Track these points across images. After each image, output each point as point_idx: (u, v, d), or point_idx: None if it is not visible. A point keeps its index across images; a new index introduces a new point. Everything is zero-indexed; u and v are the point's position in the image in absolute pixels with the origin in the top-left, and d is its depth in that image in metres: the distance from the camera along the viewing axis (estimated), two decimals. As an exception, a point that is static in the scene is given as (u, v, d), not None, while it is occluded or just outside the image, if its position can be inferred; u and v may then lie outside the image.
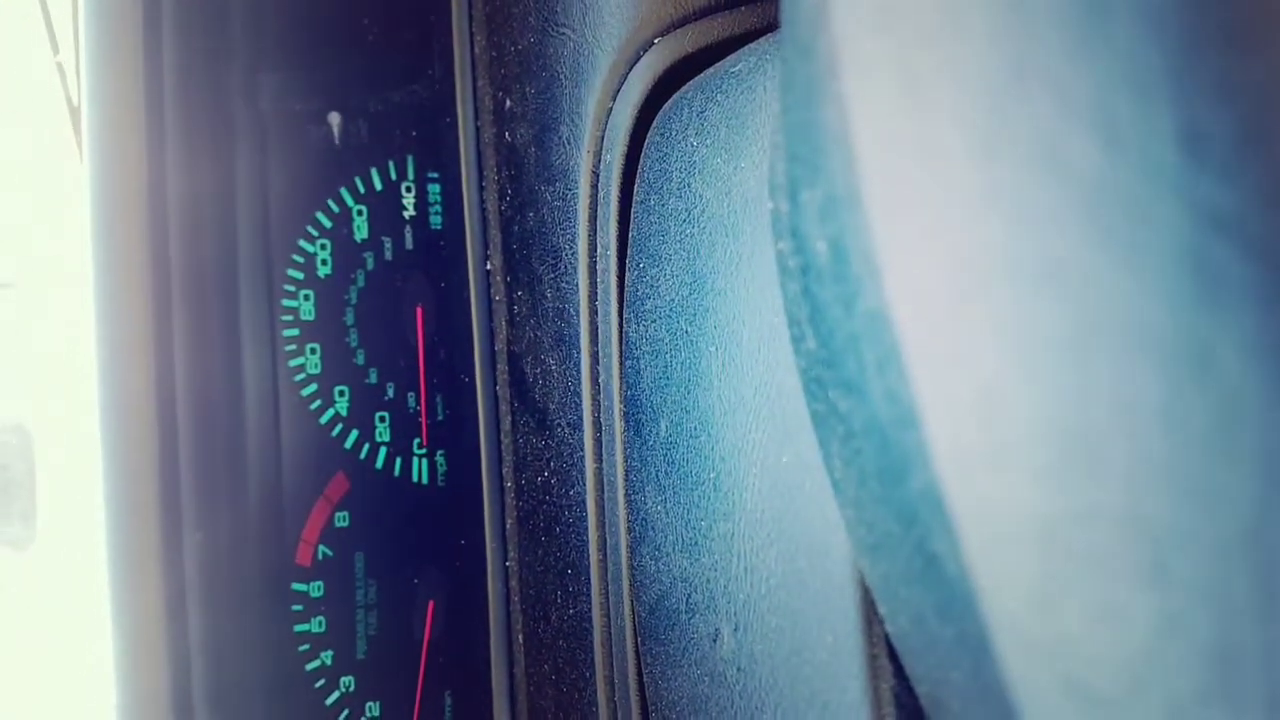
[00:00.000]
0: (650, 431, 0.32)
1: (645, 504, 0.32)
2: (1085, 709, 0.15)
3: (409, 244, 0.42)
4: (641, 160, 0.34)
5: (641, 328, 0.32)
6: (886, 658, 0.23)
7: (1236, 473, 0.13)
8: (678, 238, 0.31)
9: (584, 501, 0.36)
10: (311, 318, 0.41)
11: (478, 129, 0.41)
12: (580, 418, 0.36)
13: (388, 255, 0.42)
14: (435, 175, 0.43)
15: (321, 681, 0.40)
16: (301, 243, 0.41)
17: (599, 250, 0.36)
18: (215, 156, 0.39)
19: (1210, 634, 0.13)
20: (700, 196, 0.30)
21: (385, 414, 0.42)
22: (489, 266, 0.42)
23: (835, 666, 0.24)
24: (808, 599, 0.25)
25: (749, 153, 0.28)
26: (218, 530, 0.38)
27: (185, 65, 0.39)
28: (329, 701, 0.40)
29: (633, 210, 0.34)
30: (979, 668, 0.16)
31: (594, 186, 0.36)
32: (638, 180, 0.34)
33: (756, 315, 0.27)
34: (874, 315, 0.17)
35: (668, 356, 0.31)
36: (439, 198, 0.43)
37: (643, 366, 0.32)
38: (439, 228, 0.43)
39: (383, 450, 0.41)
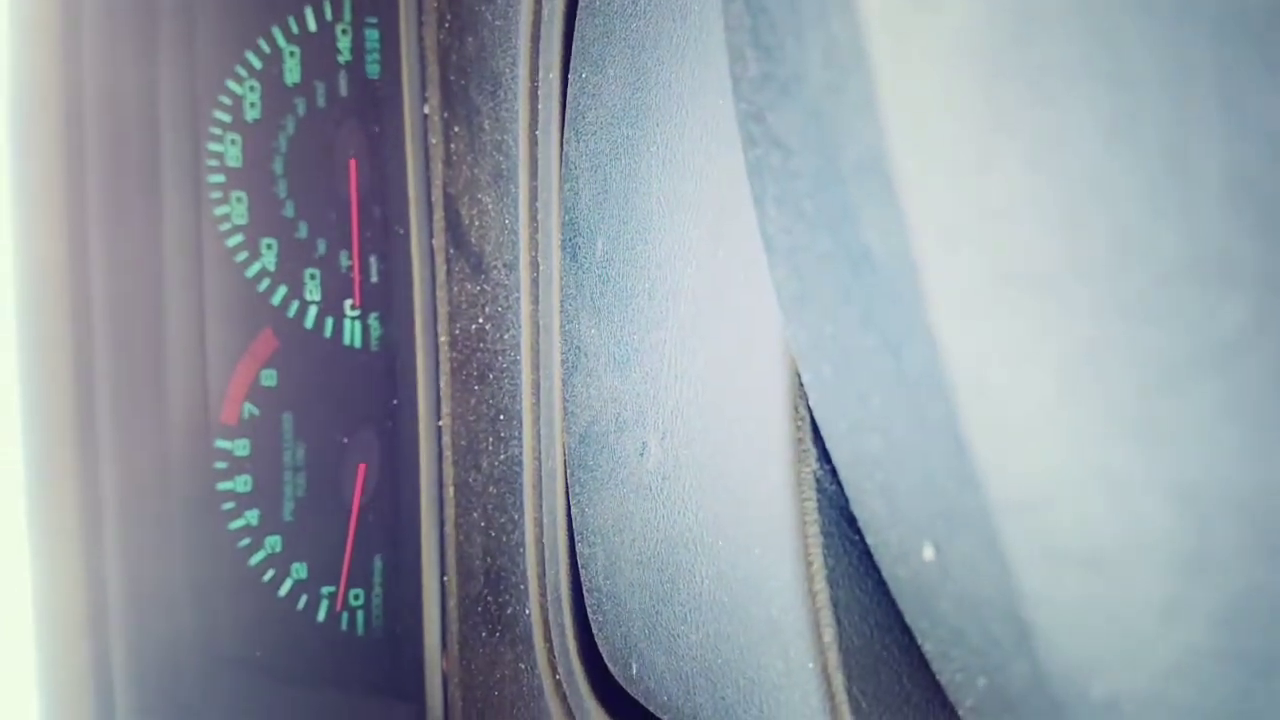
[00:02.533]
0: (587, 255, 0.31)
1: (580, 331, 0.31)
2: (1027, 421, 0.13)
3: (343, 91, 0.40)
4: None
5: (582, 144, 0.31)
6: (810, 441, 0.22)
7: None
8: (623, 34, 0.29)
9: (518, 344, 0.35)
10: (238, 164, 0.39)
11: None
12: (516, 257, 0.35)
13: (320, 102, 0.40)
14: (373, 20, 0.40)
15: (246, 541, 0.39)
16: (229, 83, 0.38)
17: (540, 72, 0.34)
18: (133, -17, 0.37)
19: None
20: None
21: (316, 271, 0.40)
22: (426, 110, 0.39)
23: (759, 453, 0.23)
24: (735, 393, 0.24)
25: None
26: (135, 384, 0.37)
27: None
28: (253, 561, 0.39)
29: (577, 19, 0.32)
30: (903, 374, 0.16)
31: (536, 3, 0.33)
32: None
33: (701, 99, 0.25)
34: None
35: (607, 169, 0.30)
36: (377, 44, 0.40)
37: (581, 187, 0.31)
38: (375, 76, 0.40)
39: (313, 309, 0.40)
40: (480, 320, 0.37)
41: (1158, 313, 0.12)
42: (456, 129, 0.38)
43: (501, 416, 0.36)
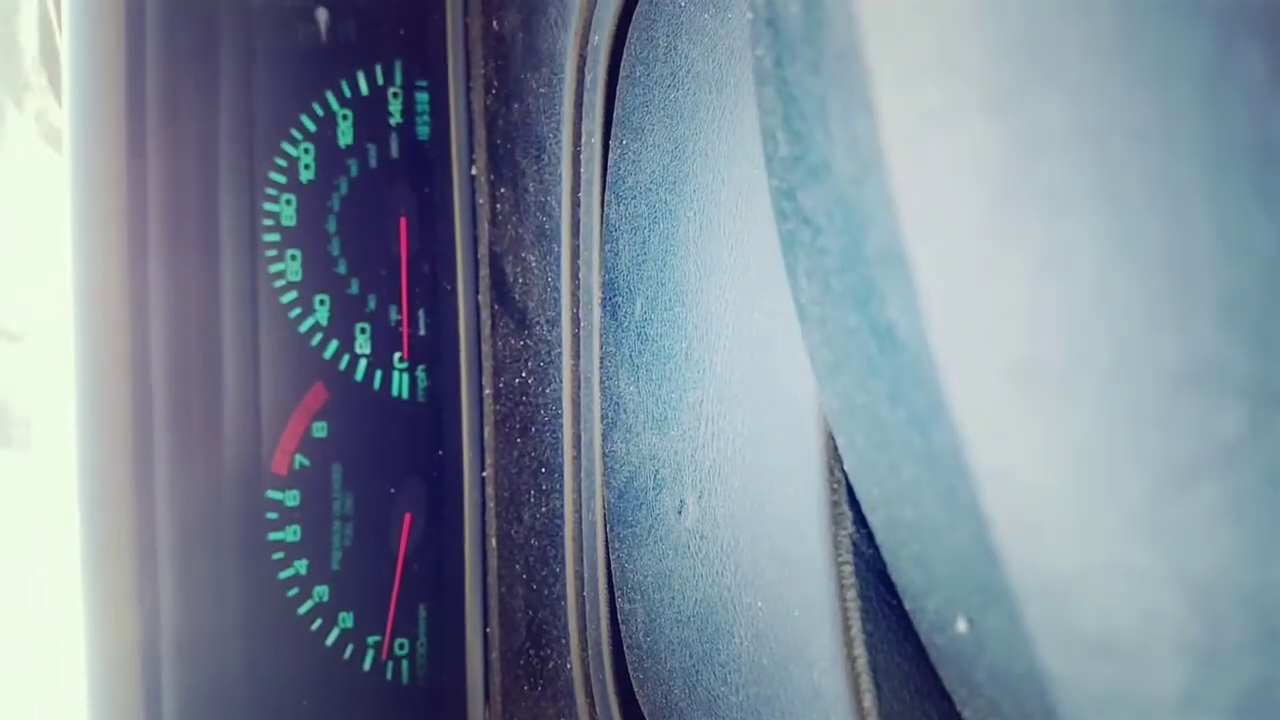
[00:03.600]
0: (626, 313, 0.31)
1: (619, 388, 0.32)
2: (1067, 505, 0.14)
3: (394, 152, 0.41)
4: (629, 33, 0.33)
5: (622, 208, 0.32)
6: (847, 505, 0.23)
7: None
8: (661, 104, 0.30)
9: (559, 398, 0.36)
10: (293, 223, 0.40)
11: (465, 21, 0.40)
12: (559, 313, 0.36)
13: (372, 163, 0.41)
14: (424, 83, 0.42)
15: (295, 590, 0.40)
16: (285, 145, 0.40)
17: (583, 137, 0.35)
18: (198, 53, 0.38)
19: None
20: (686, 56, 0.29)
21: (366, 325, 0.41)
22: (473, 171, 0.41)
23: (796, 516, 0.24)
24: (771, 454, 0.25)
25: (736, 3, 0.27)
26: (191, 434, 0.38)
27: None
28: (302, 610, 0.40)
29: (618, 88, 0.33)
30: (932, 452, 0.16)
31: (580, 70, 0.35)
32: (625, 55, 0.33)
33: (736, 169, 0.26)
34: (845, 73, 0.15)
35: (646, 231, 0.30)
36: (426, 107, 0.42)
37: (621, 248, 0.32)
38: (425, 139, 0.42)
39: (363, 362, 0.41)
40: (524, 374, 0.38)
41: (1160, 417, 0.12)
42: (502, 190, 0.39)
43: (543, 469, 0.37)
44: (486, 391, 0.40)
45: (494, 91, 0.39)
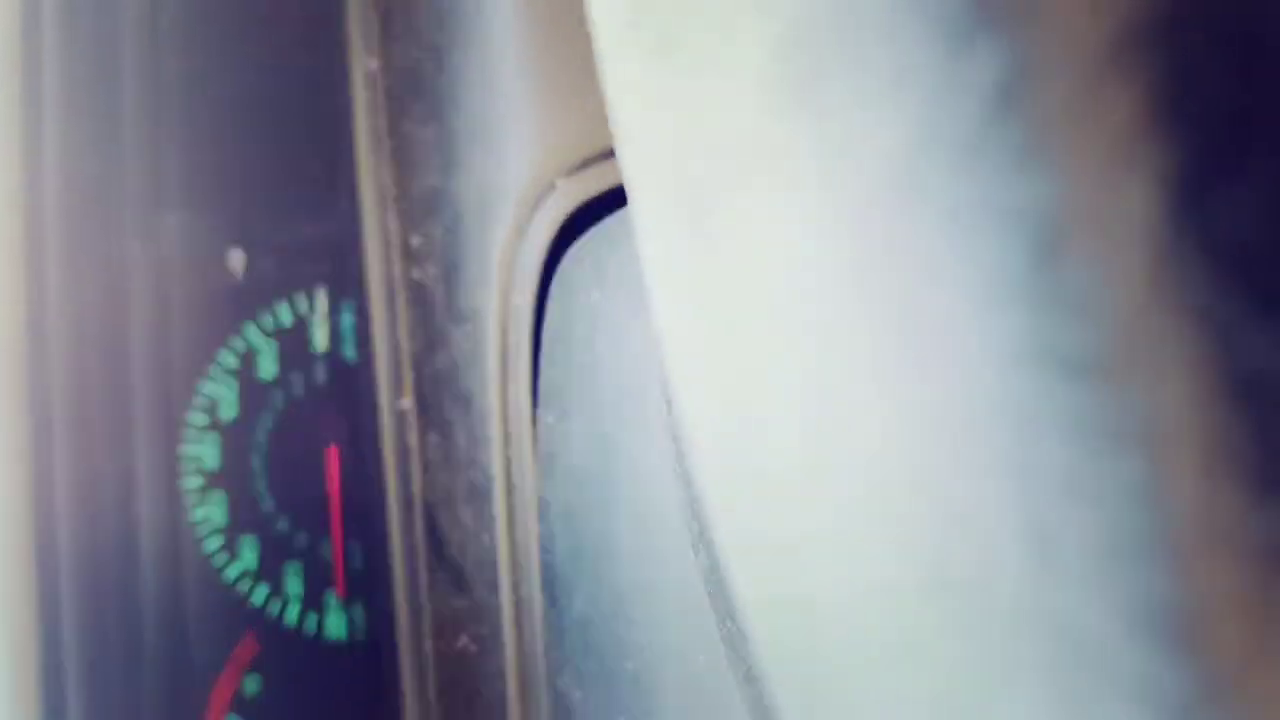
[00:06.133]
0: (566, 606, 0.29)
1: (566, 688, 0.29)
2: None
3: (320, 379, 0.40)
4: (547, 311, 0.32)
5: (554, 488, 0.30)
6: None
7: None
8: (582, 395, 0.29)
9: (504, 674, 0.33)
10: (216, 465, 0.38)
11: (386, 265, 0.39)
12: (496, 578, 0.34)
13: (298, 393, 0.39)
14: (349, 305, 0.40)
15: None
16: (204, 384, 0.38)
17: (510, 398, 0.33)
18: (105, 300, 0.37)
19: None
20: (603, 354, 0.28)
21: (298, 564, 0.38)
22: (402, 407, 0.39)
23: None
24: None
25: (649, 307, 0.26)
26: (109, 710, 0.35)
27: (73, 205, 0.37)
28: None
29: (540, 360, 0.32)
30: None
31: (504, 330, 0.34)
32: (544, 330, 0.32)
33: (668, 493, 0.24)
34: None
35: (580, 524, 0.29)
36: (352, 328, 0.40)
37: (557, 531, 0.30)
38: (352, 360, 0.40)
39: (295, 604, 0.38)
40: (465, 638, 0.35)
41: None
42: (432, 436, 0.38)
43: None
44: (426, 650, 0.37)
45: (418, 337, 0.38)
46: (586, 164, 0.33)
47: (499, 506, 0.33)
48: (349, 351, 0.40)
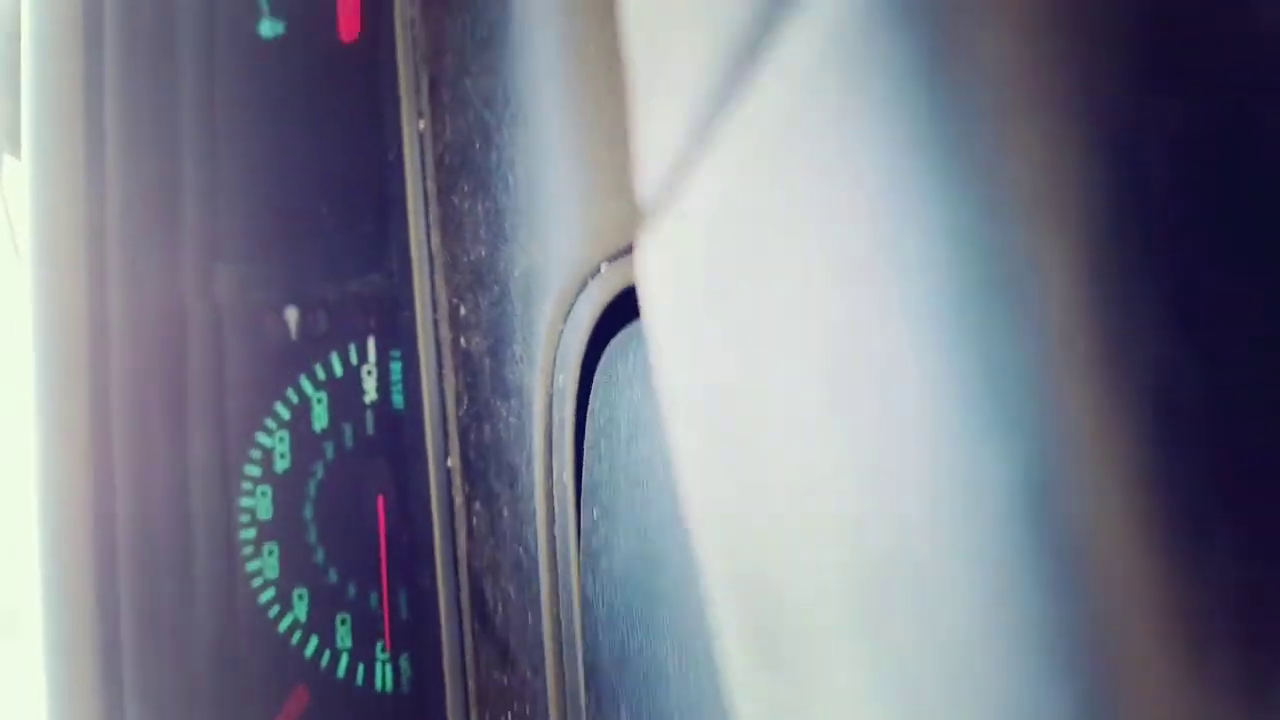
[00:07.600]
0: (610, 711, 0.28)
1: None
2: None
3: (370, 429, 0.40)
4: (591, 400, 0.31)
5: (599, 587, 0.29)
6: None
7: None
8: (628, 500, 0.27)
9: None
10: (269, 516, 0.39)
11: (435, 329, 0.39)
12: (542, 661, 0.33)
13: (348, 443, 0.40)
14: (397, 354, 0.41)
15: None
16: (259, 436, 0.39)
17: (555, 479, 0.33)
18: (165, 353, 0.38)
19: None
20: (649, 461, 0.27)
21: (346, 615, 0.39)
22: (450, 464, 0.39)
23: None
24: None
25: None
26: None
27: (133, 258, 0.38)
28: None
29: (585, 449, 0.31)
30: None
31: (549, 410, 0.33)
32: (589, 419, 0.31)
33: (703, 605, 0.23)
34: None
35: (625, 633, 0.27)
36: (400, 376, 0.40)
37: (600, 632, 0.29)
38: (401, 408, 0.40)
39: (344, 656, 0.38)
40: (509, 716, 0.35)
41: None
42: (477, 504, 0.37)
43: None
44: None
45: (465, 405, 0.38)
46: (631, 249, 0.32)
47: (543, 592, 0.33)
48: (398, 399, 0.40)
